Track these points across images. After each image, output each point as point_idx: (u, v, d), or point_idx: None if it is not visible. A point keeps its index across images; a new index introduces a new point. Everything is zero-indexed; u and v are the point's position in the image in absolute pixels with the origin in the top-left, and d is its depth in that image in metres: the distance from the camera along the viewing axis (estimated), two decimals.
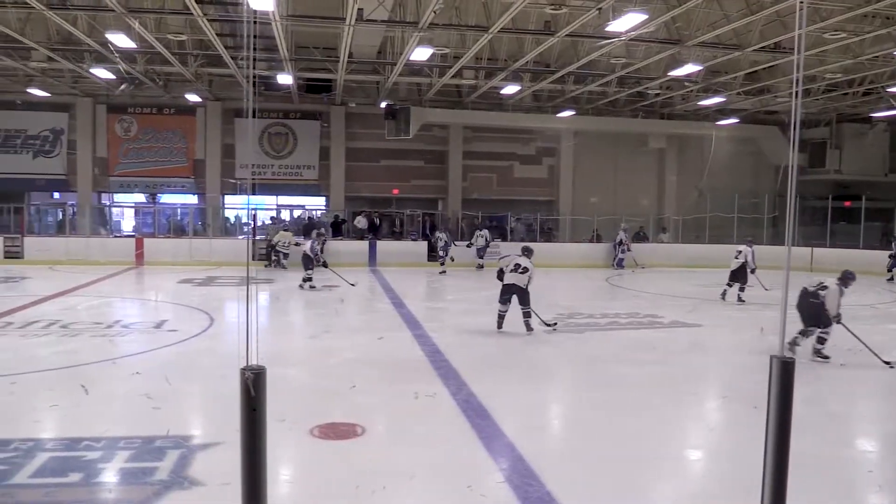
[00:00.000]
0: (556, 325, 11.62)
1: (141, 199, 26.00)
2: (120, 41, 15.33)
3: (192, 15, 13.62)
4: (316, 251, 16.03)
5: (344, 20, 13.84)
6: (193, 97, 23.16)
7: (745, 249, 14.83)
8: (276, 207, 26.19)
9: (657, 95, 22.40)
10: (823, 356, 9.15)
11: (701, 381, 8.83)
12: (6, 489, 4.84)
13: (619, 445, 6.05)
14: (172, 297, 15.14)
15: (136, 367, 8.62)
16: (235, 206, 26.58)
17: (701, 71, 18.15)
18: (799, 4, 3.53)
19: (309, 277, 15.90)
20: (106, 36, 15.32)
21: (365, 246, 22.16)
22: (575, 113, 23.91)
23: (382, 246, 22.31)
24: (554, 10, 14.01)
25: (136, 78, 20.38)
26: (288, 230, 21.97)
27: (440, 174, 26.41)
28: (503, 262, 11.53)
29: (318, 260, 16.04)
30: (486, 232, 21.92)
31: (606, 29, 13.77)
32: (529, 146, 26.85)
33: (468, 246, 21.72)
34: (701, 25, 14.58)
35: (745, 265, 14.68)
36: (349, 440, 5.92)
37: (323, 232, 17.26)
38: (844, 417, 7.29)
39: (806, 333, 9.25)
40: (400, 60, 17.15)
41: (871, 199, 22.96)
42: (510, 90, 21.08)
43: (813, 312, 9.08)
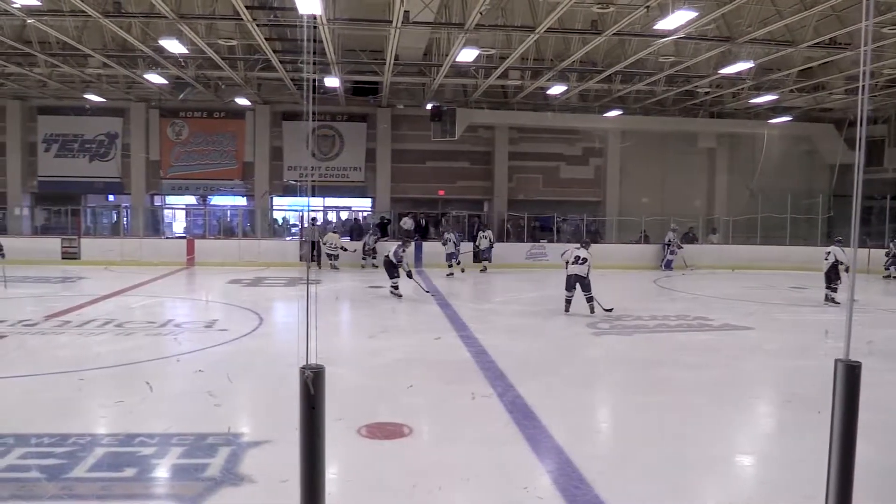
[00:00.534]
0: (612, 309, 12.75)
1: (192, 200, 26.55)
2: (172, 47, 15.69)
3: (241, 20, 13.86)
4: (400, 256, 14.81)
5: (390, 23, 13.92)
6: (243, 101, 23.57)
7: (833, 249, 14.64)
8: (322, 209, 26.47)
9: (707, 94, 21.99)
10: None
11: (754, 384, 8.63)
12: (65, 482, 4.97)
13: (668, 450, 5.95)
14: (222, 297, 15.41)
15: (189, 365, 8.81)
16: (283, 207, 26.98)
17: (752, 68, 17.79)
18: None
19: (395, 285, 14.94)
20: (159, 42, 15.70)
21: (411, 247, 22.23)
22: (622, 112, 23.65)
23: (428, 247, 22.34)
24: (601, 9, 13.88)
25: (187, 83, 20.80)
26: (336, 232, 22.18)
27: (486, 175, 26.37)
28: (565, 255, 13.14)
29: (400, 265, 14.82)
30: (489, 233, 21.49)
31: (655, 27, 13.58)
32: (576, 146, 26.64)
33: (476, 247, 21.33)
34: (752, 21, 14.28)
35: (835, 265, 14.45)
36: (397, 440, 5.94)
37: (408, 239, 16.19)
38: None
39: None
40: (446, 62, 17.18)
41: None
42: (556, 90, 20.94)
43: None
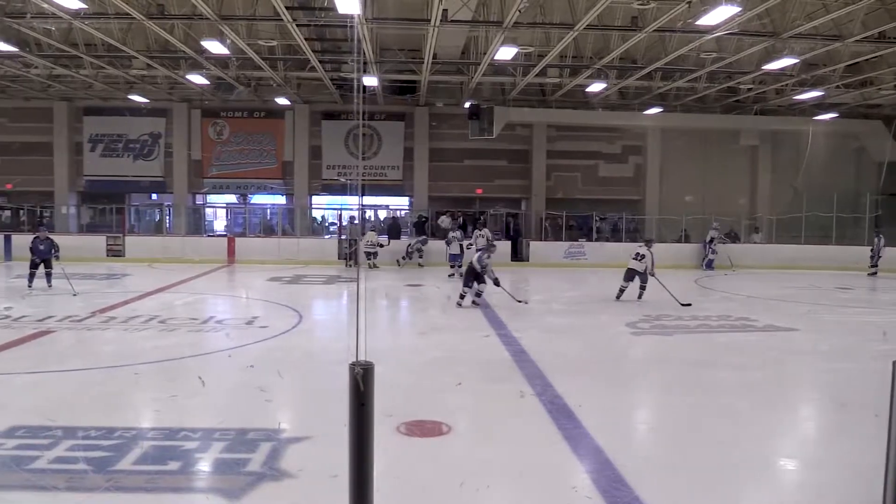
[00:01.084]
0: (689, 304, 13.54)
1: (232, 199, 26.92)
2: (214, 48, 15.93)
3: (281, 21, 13.99)
4: (485, 263, 13.33)
5: (428, 21, 13.93)
6: (282, 100, 23.83)
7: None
8: (360, 207, 26.62)
9: (750, 90, 21.59)
10: None
11: (799, 387, 8.46)
12: (111, 475, 5.07)
13: (710, 452, 5.85)
14: (262, 294, 15.59)
15: (232, 360, 8.93)
16: (322, 206, 27.22)
17: (797, 64, 17.40)
18: None
19: (479, 293, 13.57)
20: (201, 43, 15.95)
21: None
22: (662, 110, 23.36)
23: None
24: (641, 5, 13.69)
25: (228, 83, 21.08)
26: (374, 230, 22.29)
27: (524, 174, 26.26)
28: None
29: (486, 272, 13.39)
30: (486, 231, 20.82)
31: (696, 23, 13.37)
32: (615, 144, 26.39)
33: (467, 247, 19.63)
34: (798, 16, 13.96)
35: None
36: (435, 438, 5.94)
37: (494, 243, 14.23)
38: None
39: None
40: (484, 60, 17.14)
41: None
42: (595, 88, 20.74)
43: None
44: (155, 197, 27.56)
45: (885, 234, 21.26)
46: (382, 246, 20.86)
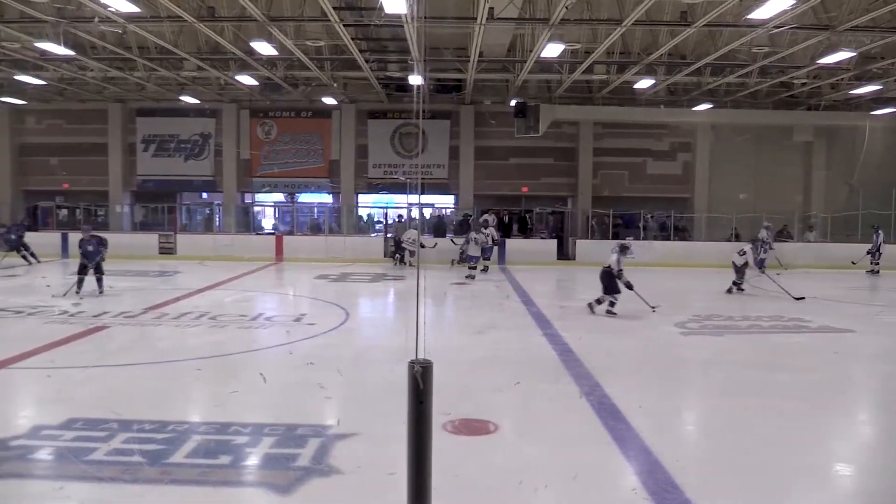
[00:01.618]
0: (803, 298, 14.16)
1: (280, 198, 27.29)
2: (262, 49, 16.18)
3: (329, 21, 14.13)
4: (622, 267, 12.64)
5: (475, 20, 13.90)
6: (329, 100, 24.06)
7: None
8: (406, 206, 26.75)
9: (803, 85, 21.05)
10: None
11: (854, 389, 8.22)
12: (165, 467, 5.19)
13: (761, 456, 5.71)
14: (309, 291, 15.77)
15: (275, 358, 9.06)
16: (367, 204, 27.42)
17: (854, 57, 16.91)
18: None
19: (614, 301, 12.61)
20: (250, 44, 16.20)
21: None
22: (712, 106, 22.90)
23: (512, 244, 22.26)
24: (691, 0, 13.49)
25: (276, 83, 21.36)
26: (416, 228, 22.26)
27: (570, 171, 26.04)
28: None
29: (620, 278, 12.54)
30: (491, 230, 19.85)
31: (748, 17, 13.09)
32: (663, 141, 25.99)
33: (464, 244, 19.05)
34: (854, 8, 13.56)
35: None
36: (482, 436, 5.92)
37: (629, 245, 13.40)
38: None
39: None
40: (530, 58, 17.05)
41: None
42: (643, 84, 20.47)
43: None
44: (205, 196, 28.11)
45: (883, 229, 20.87)
46: (424, 246, 20.60)
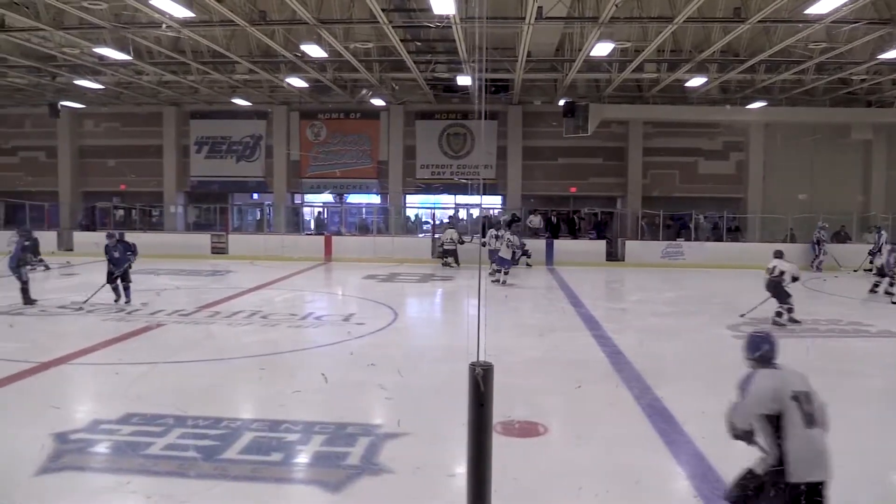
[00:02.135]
0: None
1: (329, 199, 27.57)
2: (312, 51, 16.36)
3: (377, 23, 14.21)
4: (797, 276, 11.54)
5: (523, 19, 13.83)
6: (378, 101, 24.22)
7: None
8: (454, 207, 26.78)
9: (863, 81, 20.40)
10: None
11: None
12: (218, 463, 5.28)
13: None
14: (358, 291, 15.89)
15: (324, 357, 9.15)
16: (415, 205, 27.53)
17: None
18: None
19: (784, 310, 11.59)
20: (300, 47, 16.40)
21: (542, 245, 22.01)
22: (766, 104, 22.37)
23: (560, 245, 22.10)
24: None
25: (325, 85, 21.58)
26: (454, 228, 22.21)
27: (619, 171, 25.72)
28: None
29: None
30: (503, 233, 17.94)
31: (804, 12, 12.74)
32: (715, 140, 25.47)
33: (483, 244, 17.54)
34: None
35: None
36: (532, 438, 5.89)
37: None
38: None
39: None
40: (579, 57, 16.88)
41: None
42: (695, 82, 20.09)
43: None
44: (256, 196, 28.57)
45: (886, 229, 20.13)
46: (463, 242, 20.39)
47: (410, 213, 27.50)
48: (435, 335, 11.37)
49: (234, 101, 23.99)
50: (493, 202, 27.10)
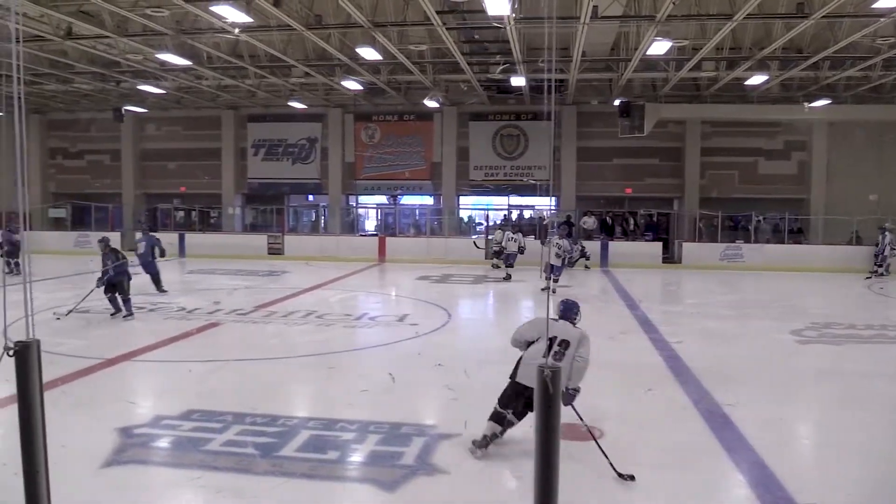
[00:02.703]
0: None
1: (383, 200, 27.78)
2: (367, 54, 16.52)
3: (432, 25, 14.26)
4: None
5: (578, 19, 13.70)
6: (431, 103, 24.27)
7: None
8: (507, 208, 26.70)
9: None
10: None
11: None
12: (276, 460, 5.35)
13: (883, 472, 5.34)
14: (412, 292, 15.96)
15: (379, 357, 9.20)
16: (469, 206, 27.53)
17: None
18: None
19: None
20: (355, 50, 16.57)
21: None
22: (830, 102, 21.69)
23: (615, 247, 21.83)
24: None
25: (379, 87, 21.75)
26: (502, 228, 22.02)
27: (676, 172, 25.26)
28: None
29: None
30: (519, 236, 18.84)
31: (872, 6, 12.31)
32: (776, 140, 24.79)
33: (543, 245, 16.98)
34: None
35: None
36: (588, 442, 5.80)
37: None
38: None
39: None
40: (635, 56, 16.64)
41: None
42: (755, 80, 19.59)
43: None
44: (311, 198, 28.97)
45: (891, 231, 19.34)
46: (512, 240, 20.13)
47: (464, 214, 27.50)
48: (488, 336, 11.34)
49: (290, 104, 24.39)
50: (546, 203, 26.92)
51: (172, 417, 6.31)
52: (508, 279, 17.56)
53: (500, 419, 5.52)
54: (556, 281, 15.43)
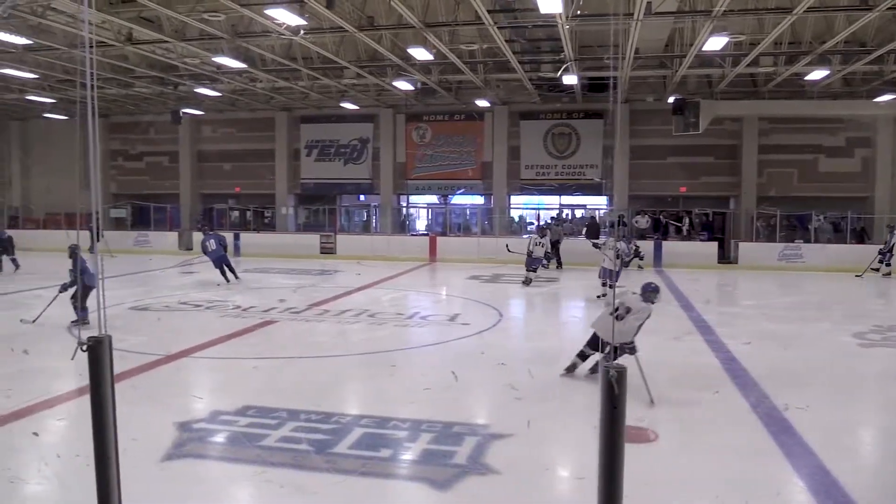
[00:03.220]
0: None
1: (434, 200, 27.89)
2: (419, 54, 16.61)
3: (483, 24, 14.25)
4: None
5: (631, 15, 13.52)
6: (482, 102, 24.28)
7: None
8: (559, 207, 26.53)
9: None
10: None
11: None
12: (330, 457, 5.42)
13: None
14: (462, 292, 15.96)
15: (428, 356, 9.23)
16: (519, 206, 27.44)
17: None
18: None
19: None
20: (406, 50, 16.67)
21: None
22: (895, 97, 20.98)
23: (668, 247, 21.49)
24: None
25: (430, 87, 21.83)
26: (550, 229, 21.71)
27: (732, 170, 24.72)
28: None
29: None
30: (546, 241, 17.53)
31: None
32: (838, 136, 24.04)
33: (595, 247, 17.07)
34: None
35: None
36: (642, 445, 5.73)
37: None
38: None
39: None
40: (690, 52, 16.35)
41: None
42: (816, 75, 19.03)
43: None
44: (363, 198, 29.26)
45: None
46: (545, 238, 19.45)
47: (515, 213, 27.42)
48: (539, 336, 11.29)
49: (342, 105, 24.67)
50: (598, 203, 26.67)
51: (229, 413, 6.44)
52: (527, 283, 16.60)
53: (582, 355, 7.76)
54: (611, 287, 13.81)
